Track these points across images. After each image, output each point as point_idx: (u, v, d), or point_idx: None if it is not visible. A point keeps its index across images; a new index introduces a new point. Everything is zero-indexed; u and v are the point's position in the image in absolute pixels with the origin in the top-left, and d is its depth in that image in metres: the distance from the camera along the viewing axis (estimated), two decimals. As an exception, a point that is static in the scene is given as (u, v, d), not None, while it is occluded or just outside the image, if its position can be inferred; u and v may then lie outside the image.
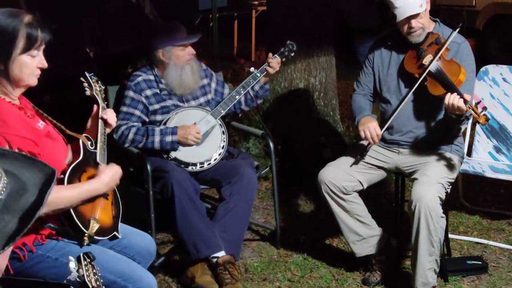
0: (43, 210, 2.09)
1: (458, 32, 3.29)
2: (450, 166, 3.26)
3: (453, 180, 3.28)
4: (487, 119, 3.02)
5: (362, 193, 3.41)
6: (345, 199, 3.30)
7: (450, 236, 3.74)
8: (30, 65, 2.20)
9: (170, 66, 3.52)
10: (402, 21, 3.22)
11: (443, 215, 3.14)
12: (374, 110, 3.54)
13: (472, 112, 3.00)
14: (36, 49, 2.20)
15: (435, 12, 3.35)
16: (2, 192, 1.13)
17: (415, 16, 3.19)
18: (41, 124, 2.29)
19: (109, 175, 2.38)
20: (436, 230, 3.09)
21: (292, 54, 3.87)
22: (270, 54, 3.73)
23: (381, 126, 3.32)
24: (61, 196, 2.21)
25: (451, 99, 3.00)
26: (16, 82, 2.22)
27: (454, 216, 4.10)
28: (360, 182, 3.34)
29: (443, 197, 3.15)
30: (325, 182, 3.29)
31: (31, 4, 5.47)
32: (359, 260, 3.44)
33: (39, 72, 2.25)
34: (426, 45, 3.27)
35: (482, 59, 5.97)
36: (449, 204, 3.71)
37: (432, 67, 3.19)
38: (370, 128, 3.27)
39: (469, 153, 4.06)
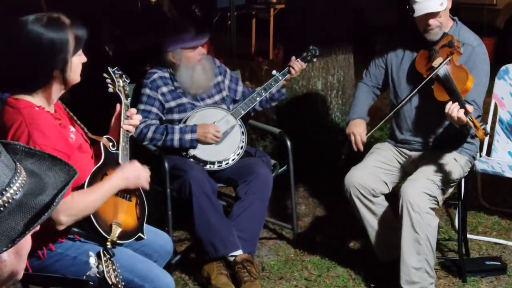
0: (63, 219, 2.11)
1: (476, 32, 3.23)
2: (452, 165, 3.19)
3: (454, 180, 3.20)
4: (486, 134, 2.89)
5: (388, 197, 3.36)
6: (374, 201, 3.25)
7: (469, 236, 3.70)
8: (79, 64, 2.25)
9: (181, 67, 3.53)
10: (420, 17, 3.16)
11: (430, 212, 3.06)
12: (379, 100, 3.47)
13: (472, 124, 2.88)
14: (81, 47, 2.23)
15: (456, 10, 3.28)
16: (18, 192, 1.09)
17: (434, 14, 3.13)
18: (72, 134, 2.29)
19: (132, 171, 2.38)
20: (421, 226, 3.01)
21: (315, 60, 3.86)
22: (293, 58, 3.72)
23: (387, 121, 3.36)
24: (85, 201, 2.21)
25: (451, 109, 2.91)
26: (67, 85, 2.25)
27: (473, 216, 4.06)
28: (386, 184, 3.29)
29: (434, 194, 3.08)
30: (354, 185, 3.23)
31: (51, 2, 5.51)
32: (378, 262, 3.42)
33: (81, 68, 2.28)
34: (439, 46, 3.22)
35: (502, 58, 5.92)
36: (468, 204, 3.68)
37: (440, 72, 3.12)
38: (356, 134, 3.28)
39: (488, 153, 4.02)
